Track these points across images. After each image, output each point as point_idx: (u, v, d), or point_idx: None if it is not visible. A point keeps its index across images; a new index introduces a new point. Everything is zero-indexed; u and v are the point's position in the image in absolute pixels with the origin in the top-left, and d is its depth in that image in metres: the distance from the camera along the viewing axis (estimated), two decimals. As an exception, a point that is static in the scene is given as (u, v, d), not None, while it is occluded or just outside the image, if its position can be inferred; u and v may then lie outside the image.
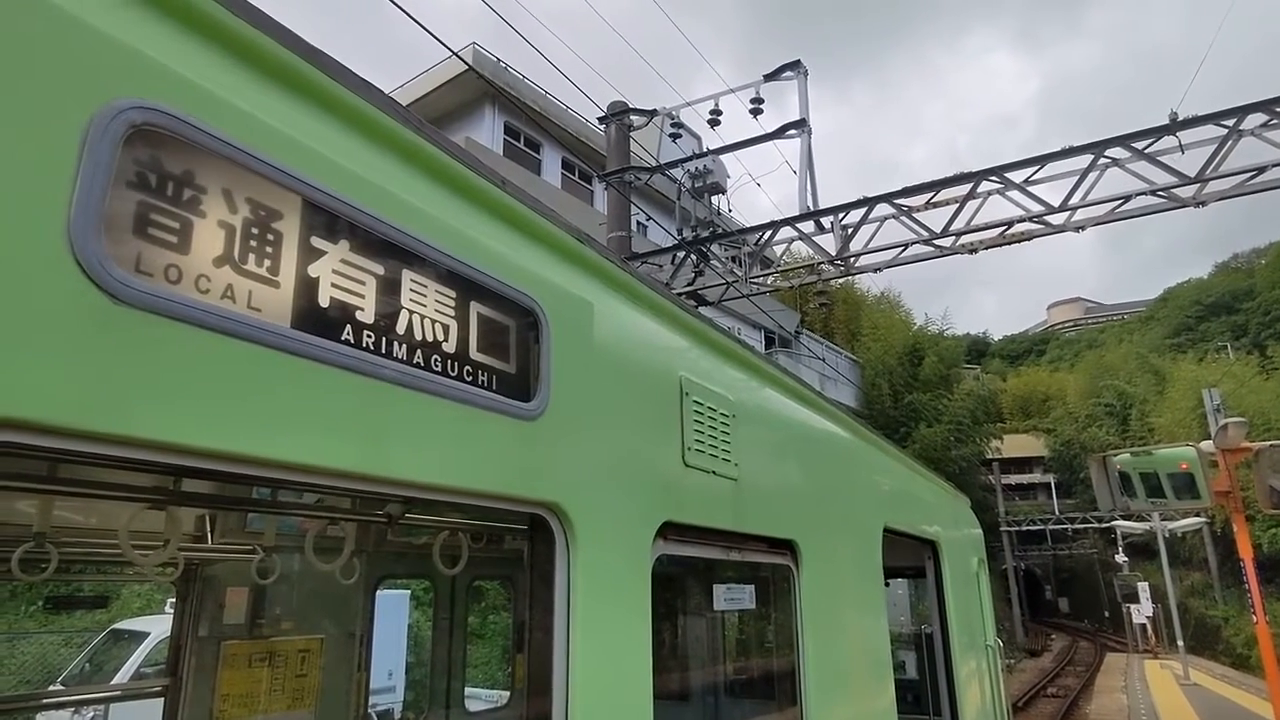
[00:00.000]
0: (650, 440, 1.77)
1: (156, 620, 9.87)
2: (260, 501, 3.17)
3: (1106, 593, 47.54)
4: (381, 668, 8.71)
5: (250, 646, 4.01)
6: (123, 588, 11.73)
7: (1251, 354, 46.88)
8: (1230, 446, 10.16)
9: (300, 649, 4.23)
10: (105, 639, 10.17)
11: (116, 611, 11.51)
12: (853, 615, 3.02)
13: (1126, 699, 18.02)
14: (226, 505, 3.06)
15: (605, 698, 1.48)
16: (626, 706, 1.55)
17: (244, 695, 3.96)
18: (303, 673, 4.21)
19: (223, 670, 3.87)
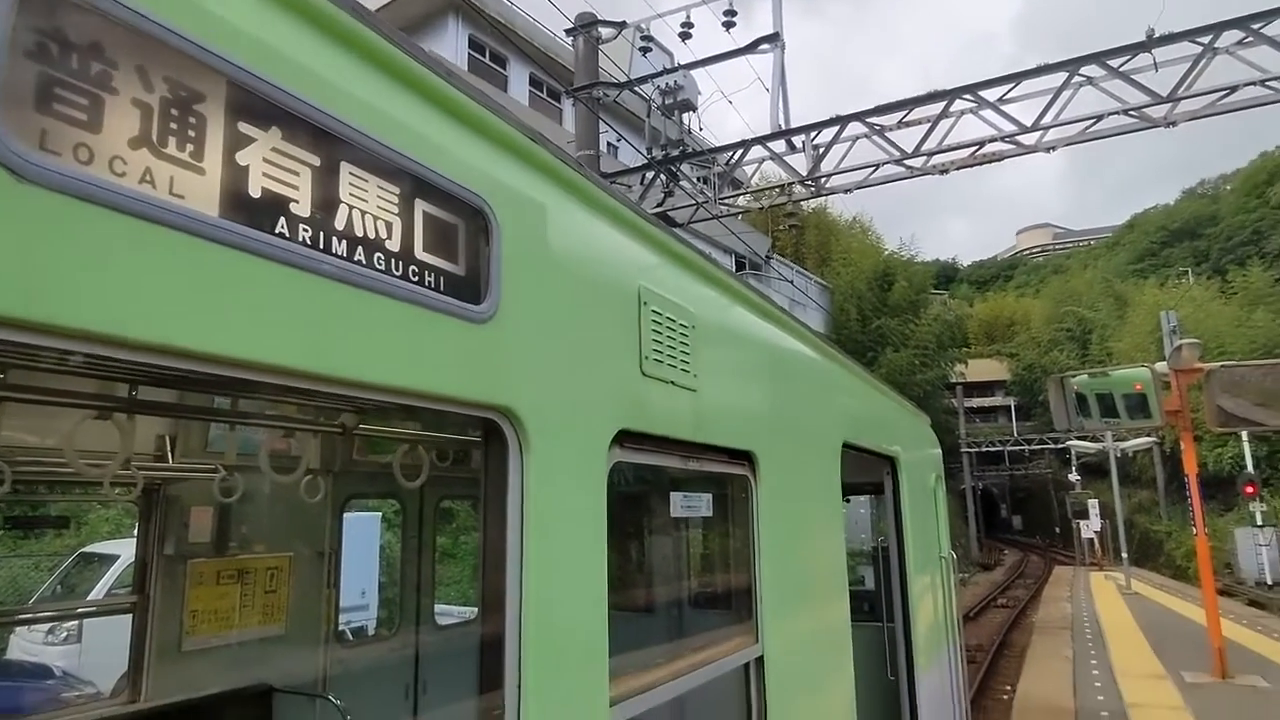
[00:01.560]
0: (606, 348, 1.75)
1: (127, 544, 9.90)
2: (208, 410, 3.13)
3: (1059, 510, 49.64)
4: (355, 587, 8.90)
5: (218, 564, 4.04)
6: (89, 511, 11.70)
7: (1212, 279, 47.89)
8: (1183, 367, 10.48)
9: (269, 566, 4.27)
10: (75, 563, 10.19)
11: (85, 536, 11.50)
12: (810, 526, 3.10)
13: (1071, 608, 19.08)
14: (172, 413, 3.01)
15: (559, 605, 1.50)
16: (580, 614, 1.57)
17: (214, 611, 4.01)
18: (272, 589, 4.27)
19: (191, 587, 3.90)
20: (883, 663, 5.34)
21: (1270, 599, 22.79)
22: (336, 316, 1.12)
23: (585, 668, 1.55)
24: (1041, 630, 15.98)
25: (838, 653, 3.26)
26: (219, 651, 3.90)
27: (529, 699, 1.37)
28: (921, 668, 4.86)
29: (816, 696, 2.94)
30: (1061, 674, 11.13)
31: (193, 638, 3.85)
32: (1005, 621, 21.05)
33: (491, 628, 1.41)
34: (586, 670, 1.55)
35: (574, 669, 1.52)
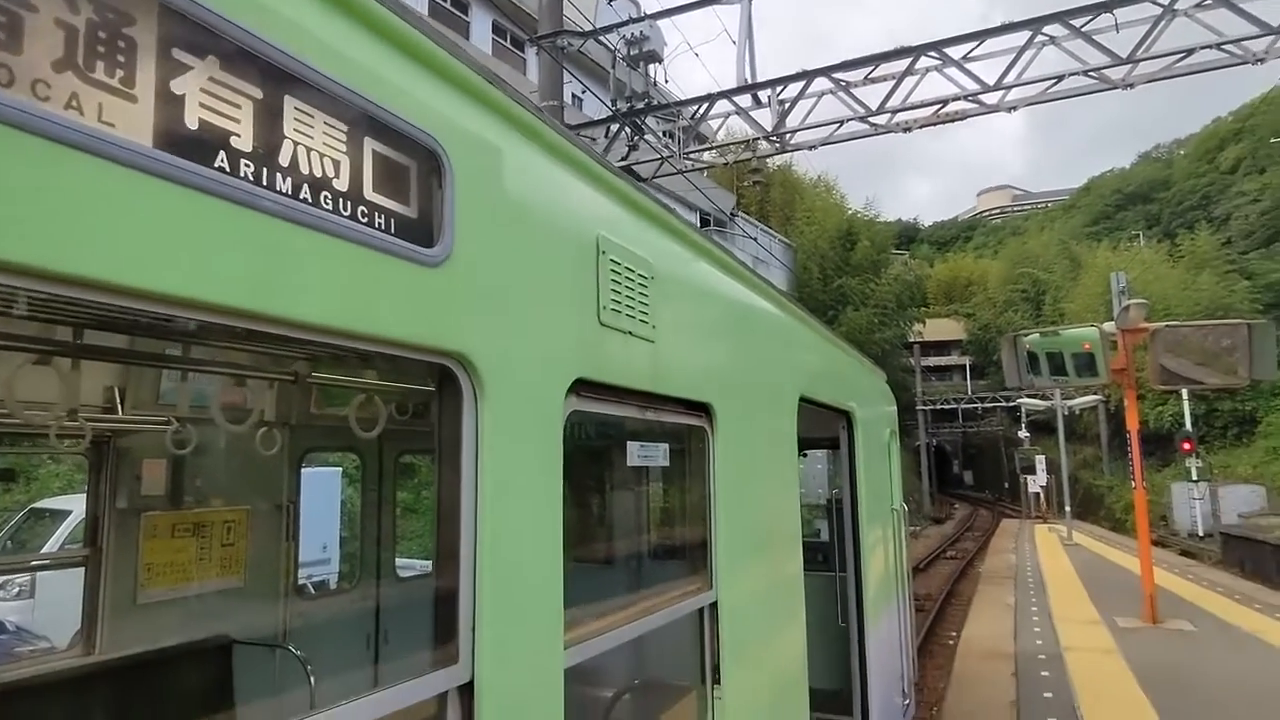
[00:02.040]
0: (563, 296, 1.74)
1: (79, 499, 9.70)
2: (156, 356, 3.06)
3: (1008, 466, 51.36)
4: (316, 541, 8.87)
5: (173, 518, 3.99)
6: (39, 466, 11.42)
7: (1162, 243, 49.15)
8: (1130, 327, 10.80)
9: (226, 520, 4.23)
10: (25, 518, 9.97)
11: (35, 492, 11.24)
12: (765, 478, 3.16)
13: (1015, 559, 19.87)
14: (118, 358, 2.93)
15: (514, 553, 1.51)
16: (536, 562, 1.58)
17: (169, 564, 3.97)
18: (230, 543, 4.23)
19: (144, 540, 3.85)
20: (835, 610, 5.51)
21: (1201, 549, 24.02)
22: (281, 256, 1.09)
23: (540, 613, 1.57)
24: (987, 580, 16.64)
25: (790, 600, 3.36)
26: (176, 605, 3.87)
27: (484, 645, 1.39)
28: (871, 615, 5.04)
29: (768, 640, 3.03)
30: (1003, 620, 11.63)
31: (148, 591, 3.82)
32: (953, 572, 21.86)
33: (447, 575, 1.42)
34: (541, 616, 1.58)
35: (529, 614, 1.54)
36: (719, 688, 2.50)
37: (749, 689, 2.72)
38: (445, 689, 1.35)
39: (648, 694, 2.81)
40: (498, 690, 1.41)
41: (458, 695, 1.37)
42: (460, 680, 1.36)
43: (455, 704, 1.37)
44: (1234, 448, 32.67)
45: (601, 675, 2.53)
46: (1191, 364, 10.68)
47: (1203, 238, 43.47)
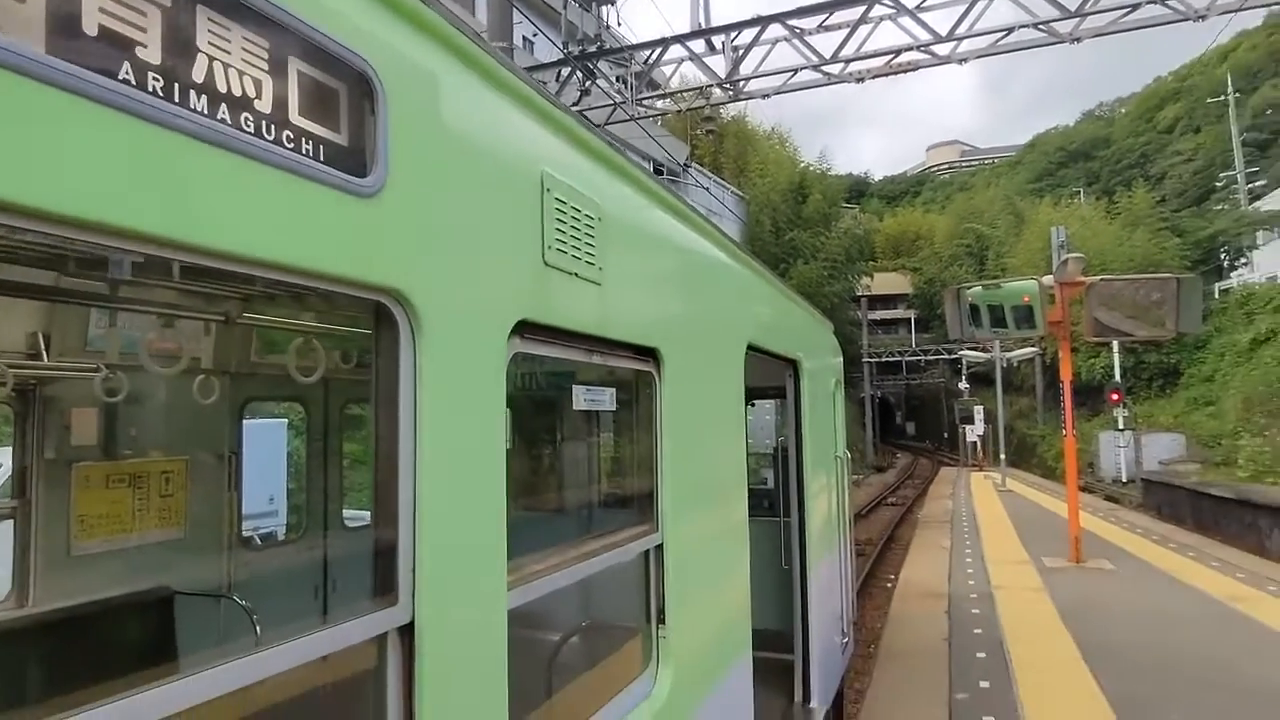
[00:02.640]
0: (505, 234, 1.69)
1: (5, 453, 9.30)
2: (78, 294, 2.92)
3: (948, 416, 53.06)
4: (262, 494, 8.71)
5: (107, 468, 3.86)
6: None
7: (1101, 200, 50.51)
8: (1068, 280, 11.13)
9: (164, 470, 4.11)
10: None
11: (-43, 444, 10.74)
12: (712, 423, 3.19)
13: (952, 504, 20.70)
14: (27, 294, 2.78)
15: (455, 496, 1.48)
16: (478, 505, 1.55)
17: (105, 516, 3.85)
18: (168, 493, 4.11)
19: (77, 491, 3.72)
20: (779, 553, 5.67)
21: (1124, 494, 25.35)
22: (198, 178, 1.02)
23: (482, 555, 1.56)
24: (924, 525, 17.32)
25: (734, 543, 3.43)
26: (114, 556, 3.77)
27: (424, 587, 1.38)
28: (813, 558, 5.19)
29: (712, 582, 3.10)
30: (939, 562, 12.16)
31: (83, 543, 3.70)
32: (894, 518, 22.68)
33: (386, 517, 1.39)
34: (483, 558, 1.56)
35: (470, 556, 1.52)
36: (664, 627, 2.55)
37: (693, 628, 2.78)
38: (385, 630, 1.34)
39: (595, 635, 2.85)
40: (438, 631, 1.40)
41: (398, 636, 1.36)
42: (400, 621, 1.35)
43: (396, 645, 1.37)
44: (1158, 399, 34.28)
45: (549, 616, 2.56)
46: (1123, 317, 11.11)
47: (1139, 195, 44.79)
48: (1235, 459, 21.84)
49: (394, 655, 1.37)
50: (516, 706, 1.87)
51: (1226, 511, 17.33)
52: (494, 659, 1.58)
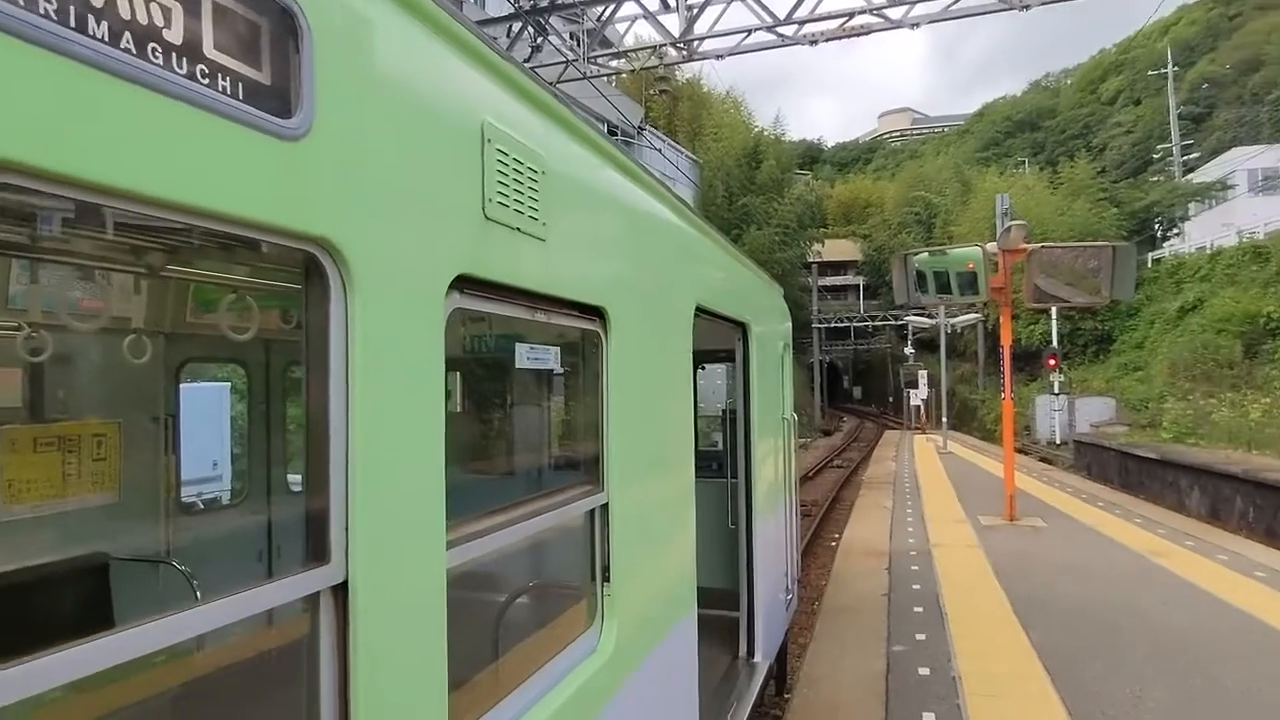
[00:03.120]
0: (444, 184, 1.63)
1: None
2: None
3: (893, 381, 54.38)
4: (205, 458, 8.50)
5: (34, 431, 3.70)
6: None
7: (1045, 170, 51.67)
8: (1010, 247, 11.40)
9: (95, 433, 3.96)
10: None
11: None
12: (659, 383, 3.19)
13: (895, 466, 21.31)
14: None
15: (390, 453, 1.44)
16: (414, 462, 1.51)
17: (34, 480, 3.69)
18: (101, 457, 3.97)
19: (2, 455, 3.56)
20: (726, 514, 5.76)
21: (1057, 455, 26.44)
22: (103, 111, 0.95)
23: (419, 514, 1.53)
24: (868, 486, 17.81)
25: (680, 503, 3.46)
26: (45, 522, 3.63)
27: (357, 546, 1.35)
28: (759, 518, 5.29)
29: (658, 541, 3.13)
30: (881, 522, 12.54)
31: (10, 508, 3.56)
32: (839, 480, 23.26)
33: (318, 476, 1.35)
34: (420, 516, 1.53)
35: (407, 515, 1.49)
36: (609, 585, 2.57)
37: (638, 587, 2.81)
38: (317, 589, 1.31)
39: (540, 594, 2.86)
40: (373, 590, 1.38)
41: (331, 595, 1.34)
42: (333, 580, 1.33)
43: (329, 604, 1.34)
44: (1092, 364, 35.67)
45: (495, 576, 2.55)
46: (1061, 284, 11.46)
47: (1081, 166, 45.95)
48: (1160, 422, 22.93)
49: (327, 615, 1.34)
50: (458, 665, 1.86)
51: (1150, 471, 18.22)
52: (432, 618, 1.57)
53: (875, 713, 5.07)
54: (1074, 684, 5.45)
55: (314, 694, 1.34)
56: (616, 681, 2.58)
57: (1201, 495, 15.57)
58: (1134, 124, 65.85)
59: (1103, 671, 5.69)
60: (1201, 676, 5.55)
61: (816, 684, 5.64)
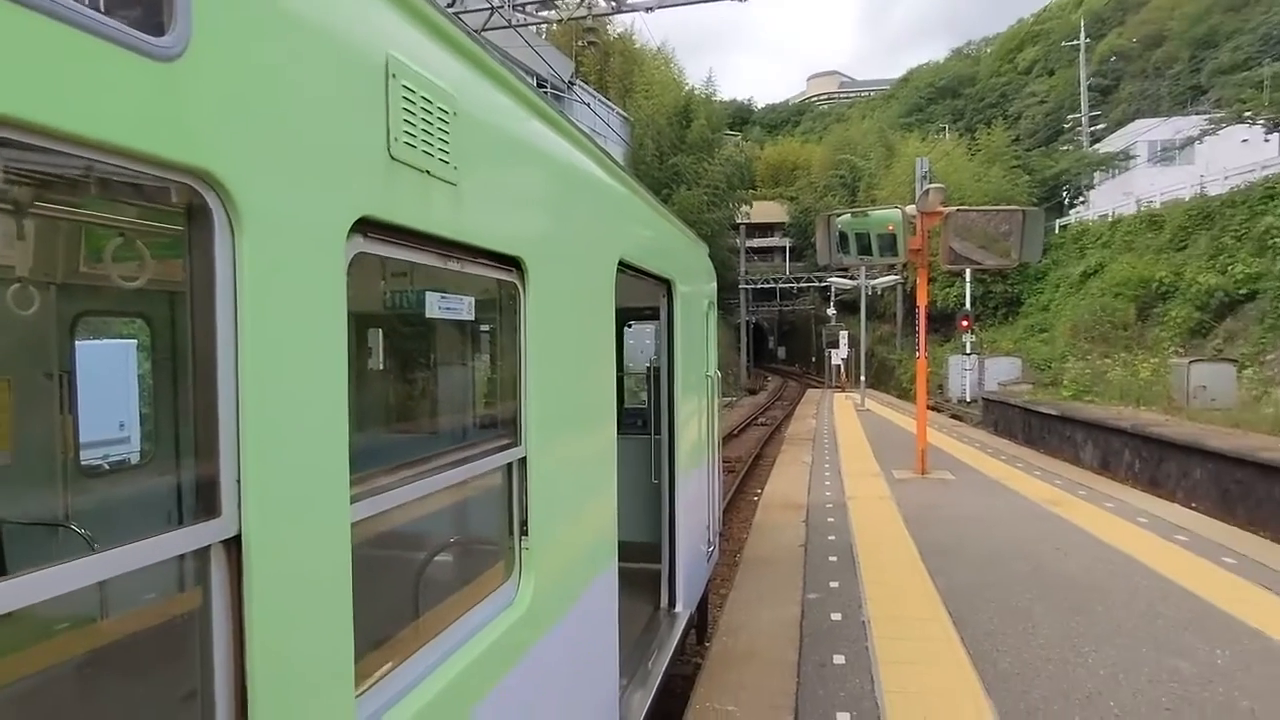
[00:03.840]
0: (341, 118, 1.54)
1: None
2: None
3: (817, 342, 55.81)
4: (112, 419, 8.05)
5: (-86, 388, 3.41)
6: None
7: (964, 136, 53.16)
8: (928, 209, 11.72)
9: (-19, 389, 3.68)
10: None
11: None
12: (580, 337, 3.16)
13: (815, 423, 21.96)
14: None
15: (285, 402, 1.37)
16: (312, 411, 1.44)
17: (-83, 439, 3.42)
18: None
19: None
20: (649, 469, 5.82)
21: (967, 413, 27.73)
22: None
23: (319, 465, 1.46)
24: (789, 442, 18.32)
25: (601, 458, 3.46)
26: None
27: (250, 498, 1.29)
28: (682, 473, 5.37)
29: (578, 495, 3.13)
30: (800, 477, 12.94)
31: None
32: (763, 437, 23.84)
33: (207, 431, 1.28)
34: (320, 468, 1.47)
35: (305, 466, 1.43)
36: (527, 539, 2.56)
37: (557, 541, 2.82)
38: (207, 543, 1.25)
39: (456, 549, 2.83)
40: (269, 544, 1.32)
41: (223, 550, 1.28)
42: (225, 534, 1.27)
43: (221, 559, 1.28)
44: (1002, 326, 37.36)
45: (408, 531, 2.51)
46: (975, 246, 11.89)
47: (997, 134, 47.46)
48: (1061, 380, 24.28)
49: (219, 571, 1.28)
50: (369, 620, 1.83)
51: (1050, 427, 19.33)
52: (335, 573, 1.52)
53: (789, 657, 5.28)
54: (973, 624, 5.81)
55: (207, 653, 1.28)
56: (535, 633, 2.59)
57: (1095, 448, 16.64)
58: (1048, 94, 68.26)
59: (999, 612, 6.07)
60: (1084, 614, 5.99)
61: (735, 632, 5.83)
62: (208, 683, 1.28)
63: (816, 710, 4.50)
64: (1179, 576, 6.88)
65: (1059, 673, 4.94)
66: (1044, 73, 73.99)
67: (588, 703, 3.27)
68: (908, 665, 5.09)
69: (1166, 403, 17.44)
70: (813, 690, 4.76)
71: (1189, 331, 24.48)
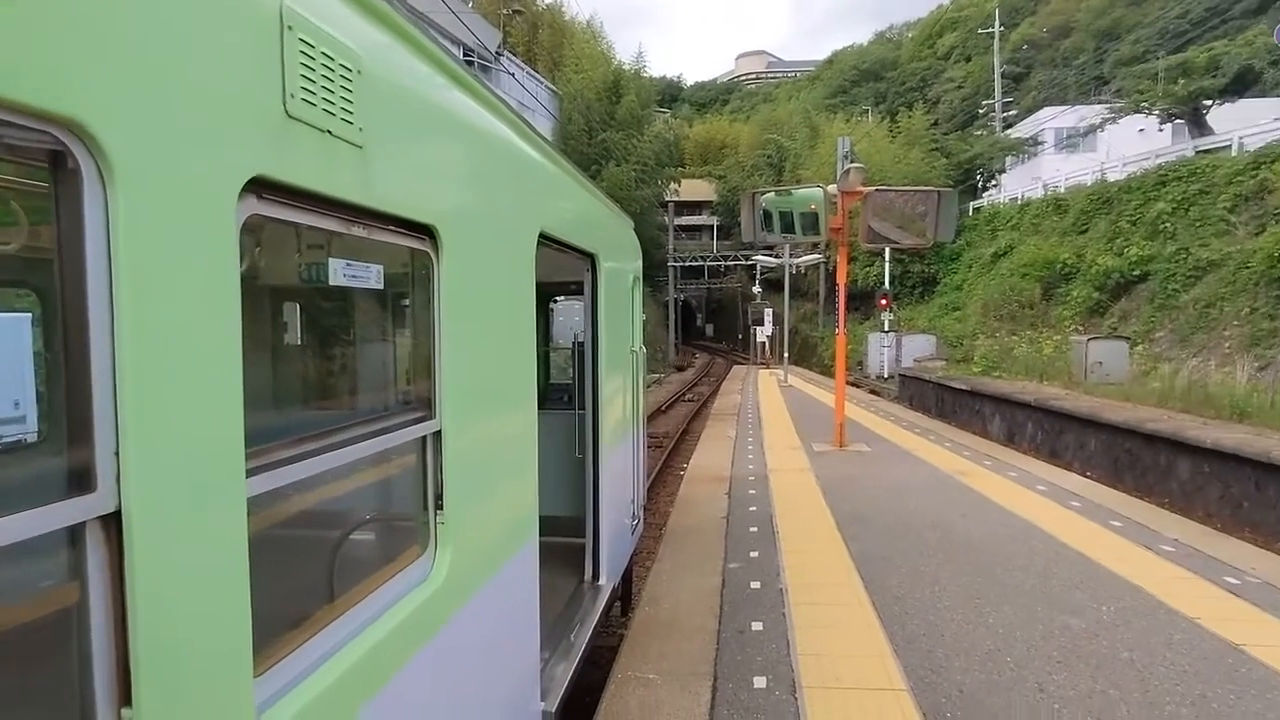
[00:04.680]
0: (229, 68, 1.44)
1: None
2: None
3: (743, 319, 56.67)
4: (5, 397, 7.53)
5: None
6: None
7: (885, 120, 54.50)
8: (849, 189, 11.99)
9: None
10: None
11: None
12: (499, 310, 3.11)
13: (740, 399, 22.37)
14: None
15: (167, 370, 1.28)
16: (199, 380, 1.35)
17: None
18: None
19: None
20: (574, 443, 5.81)
21: (884, 388, 28.73)
22: None
23: (208, 436, 1.39)
24: (715, 417, 18.62)
25: (521, 431, 3.43)
26: None
27: (130, 472, 1.22)
28: (606, 447, 5.38)
29: (496, 468, 3.10)
30: (724, 450, 13.18)
31: None
32: (690, 412, 24.14)
33: (79, 402, 1.19)
34: (209, 439, 1.39)
35: (191, 437, 1.35)
36: (442, 513, 2.52)
37: (474, 514, 2.78)
38: (82, 520, 1.18)
39: (368, 523, 2.77)
40: (153, 520, 1.25)
41: (100, 527, 1.20)
42: (101, 510, 1.19)
43: (98, 537, 1.21)
44: (918, 304, 38.74)
45: (317, 505, 2.43)
46: (893, 226, 12.26)
47: (917, 117, 48.86)
48: (972, 356, 25.40)
49: (96, 550, 1.21)
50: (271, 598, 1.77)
51: (961, 401, 20.22)
52: (229, 550, 1.45)
53: (710, 625, 5.40)
54: (884, 589, 6.06)
55: (84, 639, 1.21)
56: (451, 608, 2.57)
57: (1001, 421, 17.50)
58: (965, 79, 70.56)
59: (908, 577, 6.36)
60: (985, 577, 6.33)
61: (658, 602, 5.92)
62: (85, 671, 1.21)
63: (734, 675, 4.62)
64: (1072, 540, 7.34)
65: (961, 632, 5.21)
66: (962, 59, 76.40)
67: (509, 674, 3.27)
68: (822, 630, 5.28)
69: (1067, 378, 18.45)
70: (731, 656, 4.89)
71: (1088, 310, 25.91)
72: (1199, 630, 5.17)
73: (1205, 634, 5.11)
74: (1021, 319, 28.04)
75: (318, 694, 1.76)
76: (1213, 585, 6.04)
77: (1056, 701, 4.26)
